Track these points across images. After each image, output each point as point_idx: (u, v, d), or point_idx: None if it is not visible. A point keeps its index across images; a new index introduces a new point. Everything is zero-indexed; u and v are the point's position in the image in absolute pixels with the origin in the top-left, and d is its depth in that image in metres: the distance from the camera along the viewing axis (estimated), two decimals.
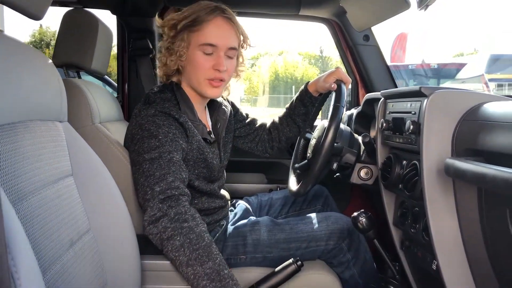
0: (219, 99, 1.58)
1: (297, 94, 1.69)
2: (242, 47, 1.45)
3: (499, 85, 9.87)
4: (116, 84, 3.70)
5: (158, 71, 1.45)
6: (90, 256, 0.92)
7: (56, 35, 1.48)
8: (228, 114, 1.59)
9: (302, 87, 1.67)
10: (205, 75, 1.35)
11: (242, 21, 1.43)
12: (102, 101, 1.49)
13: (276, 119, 1.75)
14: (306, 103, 1.66)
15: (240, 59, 1.48)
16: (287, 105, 1.73)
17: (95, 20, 1.47)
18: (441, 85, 8.49)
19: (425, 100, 1.12)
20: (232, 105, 1.68)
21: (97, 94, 1.47)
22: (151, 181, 1.16)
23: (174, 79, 1.42)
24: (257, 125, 1.75)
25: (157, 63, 1.44)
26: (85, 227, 0.94)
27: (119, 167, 1.28)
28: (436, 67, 8.89)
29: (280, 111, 1.76)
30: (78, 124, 1.32)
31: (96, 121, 1.40)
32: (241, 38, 1.41)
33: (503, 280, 1.02)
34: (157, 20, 1.42)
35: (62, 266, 0.78)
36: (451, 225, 1.10)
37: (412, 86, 1.92)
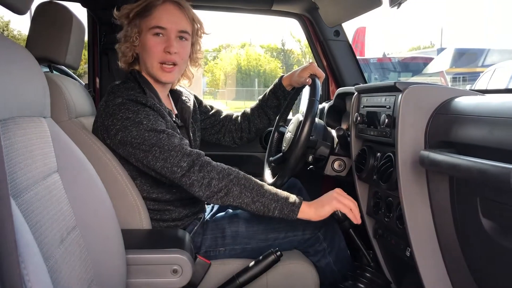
0: (181, 90, 1.63)
1: (271, 87, 1.73)
2: (197, 34, 1.50)
3: (454, 79, 10.27)
4: (78, 79, 3.61)
5: (119, 62, 1.48)
6: (78, 252, 0.92)
7: (9, 25, 1.44)
8: (192, 104, 1.63)
9: (276, 80, 1.71)
10: (157, 58, 1.39)
11: (200, 12, 1.50)
12: (76, 95, 1.47)
13: (248, 110, 1.78)
14: (279, 96, 1.70)
15: (197, 47, 1.53)
16: (260, 97, 1.77)
17: (69, 13, 1.44)
18: (401, 79, 8.82)
19: (400, 95, 1.17)
20: (195, 97, 1.72)
21: (71, 89, 1.45)
22: (173, 161, 1.24)
23: (136, 67, 1.46)
24: (222, 116, 1.78)
25: (119, 54, 1.47)
26: (72, 223, 0.93)
27: (99, 162, 1.28)
28: (396, 61, 9.14)
29: (241, 104, 1.80)
30: (55, 120, 1.30)
31: (72, 116, 1.39)
32: (195, 24, 1.47)
33: (473, 266, 1.09)
34: (114, 13, 1.44)
35: (55, 262, 0.79)
36: (424, 214, 1.16)
37: (374, 79, 1.99)
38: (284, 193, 1.28)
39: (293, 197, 1.28)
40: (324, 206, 1.27)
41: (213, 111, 1.77)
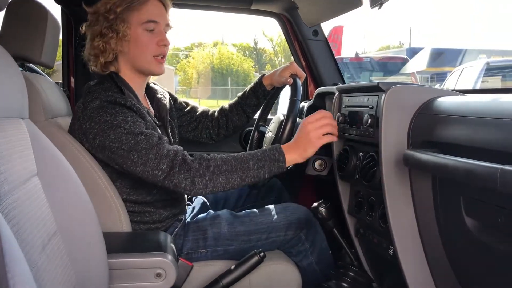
0: (156, 87, 1.61)
1: (251, 85, 1.72)
2: None
3: (431, 78, 10.50)
4: (49, 78, 3.54)
5: (93, 63, 1.41)
6: (59, 258, 0.89)
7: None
8: (168, 101, 1.61)
9: (257, 79, 1.70)
10: (151, 52, 1.39)
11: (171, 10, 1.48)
12: (52, 95, 1.43)
13: (226, 106, 1.77)
14: (259, 96, 1.70)
15: None
16: (239, 94, 1.75)
17: (44, 10, 1.39)
18: (372, 78, 8.96)
19: (383, 95, 1.18)
20: (170, 94, 1.70)
21: (47, 88, 1.40)
22: (152, 165, 1.22)
23: (112, 68, 1.41)
24: (198, 113, 1.77)
25: (87, 55, 1.41)
26: (53, 229, 0.90)
27: (77, 163, 1.24)
28: (368, 60, 9.28)
29: (214, 103, 1.78)
30: (31, 121, 1.26)
31: (48, 116, 1.34)
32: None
33: (455, 264, 1.10)
34: (86, 8, 1.39)
35: (37, 270, 0.75)
36: (407, 213, 1.17)
37: (347, 78, 2.03)
38: (265, 153, 1.28)
39: (274, 153, 1.27)
40: (307, 150, 1.29)
41: (188, 107, 1.75)
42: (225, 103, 1.79)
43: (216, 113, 1.77)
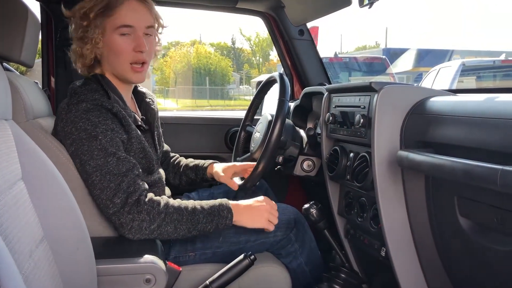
0: (144, 90, 1.57)
1: (198, 162, 1.71)
2: (157, 29, 1.44)
3: (400, 78, 10.65)
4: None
5: (76, 65, 1.37)
6: (47, 265, 0.85)
7: None
8: (156, 106, 1.58)
9: (207, 163, 1.69)
10: (127, 59, 1.33)
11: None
12: (33, 95, 1.38)
13: (178, 162, 1.76)
14: (198, 175, 1.70)
15: (156, 39, 1.46)
16: (190, 159, 1.75)
17: (24, 7, 1.33)
18: (351, 79, 9.02)
19: (376, 95, 1.17)
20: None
21: (27, 88, 1.35)
22: (108, 194, 1.19)
23: (97, 70, 1.37)
24: (169, 158, 1.76)
25: (72, 56, 1.37)
26: (39, 235, 0.86)
27: (61, 166, 1.19)
28: (347, 60, 9.36)
29: (193, 103, 1.75)
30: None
31: (30, 117, 1.29)
32: (158, 19, 1.42)
33: (448, 264, 1.10)
34: (64, 11, 1.34)
35: (25, 279, 0.72)
36: (400, 213, 1.17)
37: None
38: (215, 208, 1.29)
39: (223, 210, 1.30)
40: (254, 223, 1.35)
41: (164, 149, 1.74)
42: (181, 160, 1.76)
43: (170, 167, 1.76)
